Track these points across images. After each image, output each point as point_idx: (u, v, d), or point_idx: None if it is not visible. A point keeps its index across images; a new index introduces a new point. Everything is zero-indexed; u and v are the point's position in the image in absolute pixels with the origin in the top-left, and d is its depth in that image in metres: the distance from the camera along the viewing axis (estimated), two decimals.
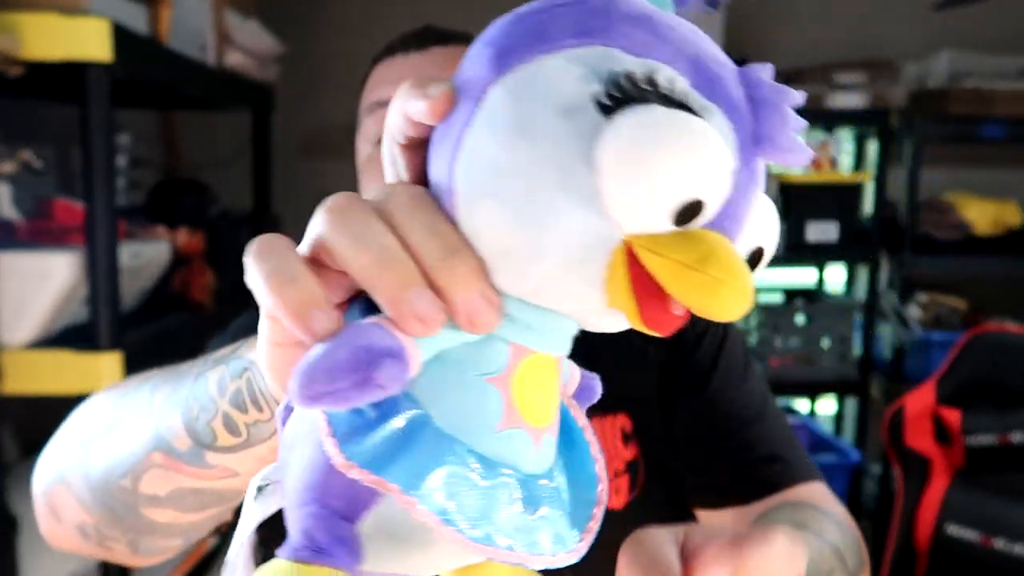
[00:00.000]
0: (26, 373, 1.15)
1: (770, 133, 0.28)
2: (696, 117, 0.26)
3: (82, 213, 1.17)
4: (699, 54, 0.27)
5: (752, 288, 0.27)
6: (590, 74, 0.26)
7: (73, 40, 1.08)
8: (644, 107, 0.25)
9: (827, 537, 0.65)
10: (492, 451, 0.28)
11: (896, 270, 2.19)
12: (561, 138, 0.25)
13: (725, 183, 0.26)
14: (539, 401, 0.29)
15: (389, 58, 0.75)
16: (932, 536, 1.54)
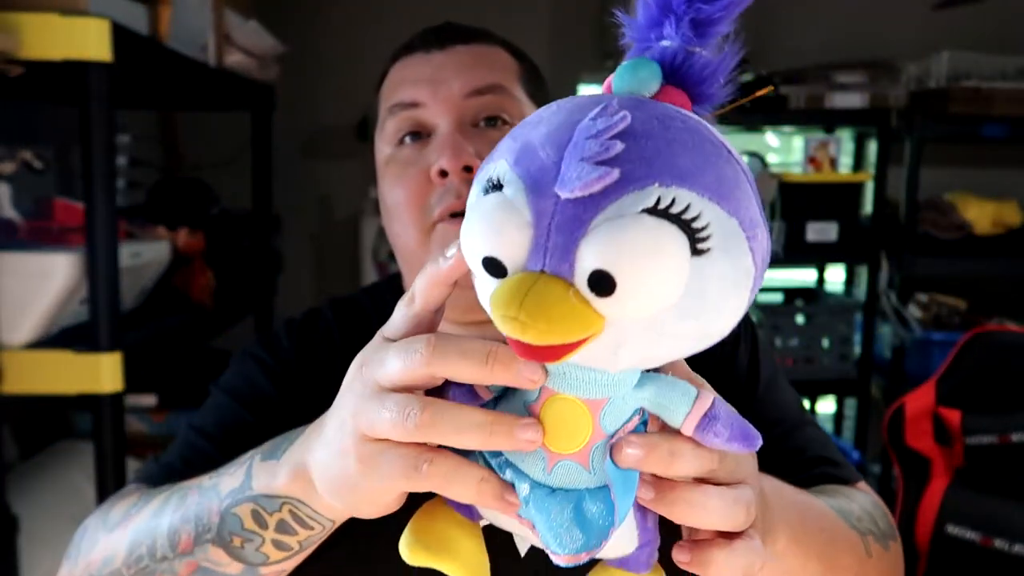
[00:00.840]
0: (26, 373, 1.15)
1: (564, 172, 0.33)
2: (496, 193, 0.35)
3: (82, 213, 1.16)
4: (529, 140, 0.36)
5: (572, 310, 0.33)
6: (477, 188, 0.38)
7: (73, 40, 1.08)
8: (474, 202, 0.37)
9: (857, 500, 0.69)
10: (513, 457, 0.39)
11: (896, 270, 2.19)
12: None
13: (516, 233, 0.34)
14: (560, 432, 0.38)
15: (409, 56, 0.74)
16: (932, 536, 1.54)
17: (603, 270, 0.32)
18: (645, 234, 0.32)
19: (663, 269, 0.33)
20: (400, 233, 0.72)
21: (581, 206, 0.33)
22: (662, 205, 0.33)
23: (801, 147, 2.24)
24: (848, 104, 2.10)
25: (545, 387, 0.38)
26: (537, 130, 0.36)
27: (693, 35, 0.36)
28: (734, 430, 0.39)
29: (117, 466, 1.21)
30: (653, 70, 0.37)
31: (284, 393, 0.74)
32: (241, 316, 1.91)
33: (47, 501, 1.38)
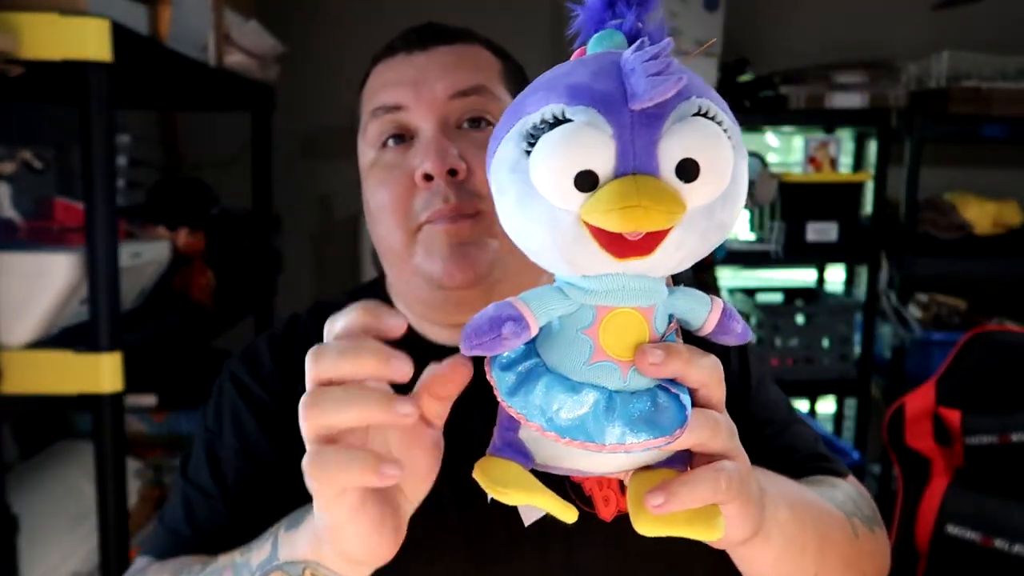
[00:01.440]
0: (26, 373, 1.15)
1: (633, 89, 0.39)
2: (568, 122, 0.40)
3: (82, 213, 1.16)
4: (570, 83, 0.41)
5: (672, 195, 0.39)
6: (518, 140, 0.42)
7: (73, 40, 1.08)
8: (542, 137, 0.40)
9: (841, 488, 0.71)
10: (582, 377, 0.43)
11: (896, 270, 2.19)
12: (516, 184, 0.42)
13: (602, 147, 0.39)
14: (624, 342, 0.43)
15: (390, 58, 0.74)
16: (932, 536, 1.54)
17: (689, 158, 0.39)
18: (708, 128, 0.40)
19: (726, 155, 0.41)
20: (384, 236, 0.72)
21: (652, 116, 0.39)
22: (703, 111, 0.40)
23: (801, 147, 2.24)
24: (848, 104, 2.11)
25: (599, 307, 0.43)
26: (576, 75, 0.42)
27: (642, 10, 0.43)
28: (742, 323, 0.48)
29: (117, 466, 1.21)
30: (621, 38, 0.44)
31: (270, 426, 0.74)
32: (241, 316, 1.91)
33: (47, 501, 1.38)
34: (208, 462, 0.73)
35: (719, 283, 2.07)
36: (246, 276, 1.94)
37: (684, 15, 2.09)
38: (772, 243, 2.17)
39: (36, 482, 1.43)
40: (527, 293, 0.44)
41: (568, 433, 0.42)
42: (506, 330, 0.42)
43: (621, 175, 0.39)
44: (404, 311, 0.78)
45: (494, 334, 0.42)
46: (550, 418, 0.42)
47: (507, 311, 0.43)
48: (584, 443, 0.42)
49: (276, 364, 0.77)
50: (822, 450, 0.78)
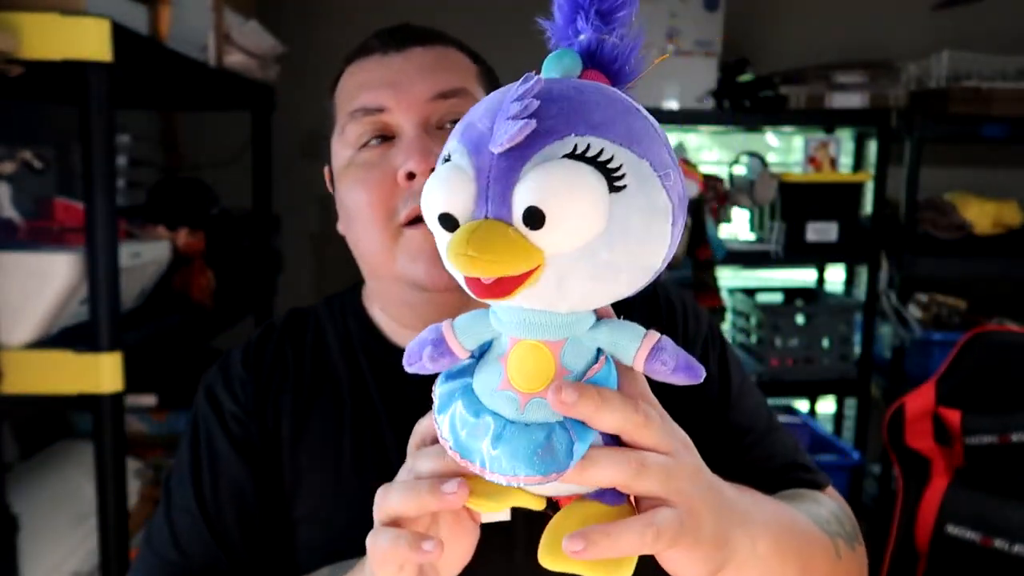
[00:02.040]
0: (26, 373, 1.15)
1: (494, 132, 0.39)
2: (447, 162, 0.42)
3: (82, 213, 1.16)
4: (469, 118, 0.43)
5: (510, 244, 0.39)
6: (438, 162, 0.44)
7: (73, 40, 1.08)
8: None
9: (825, 505, 0.71)
10: (489, 403, 0.44)
11: (896, 270, 2.19)
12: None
13: (462, 190, 0.40)
14: (527, 374, 0.43)
15: (365, 58, 0.73)
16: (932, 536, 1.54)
17: (534, 205, 0.38)
18: (564, 172, 0.39)
19: (583, 200, 0.39)
20: (363, 237, 0.71)
21: (512, 158, 0.39)
22: (579, 151, 0.39)
23: (801, 147, 2.24)
24: (848, 104, 2.10)
25: (511, 336, 0.44)
26: (477, 109, 0.43)
27: (603, 24, 0.43)
28: (679, 362, 0.45)
29: (117, 466, 1.21)
30: (573, 57, 0.43)
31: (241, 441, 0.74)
32: (241, 316, 1.91)
33: (47, 501, 1.38)
34: (192, 485, 0.73)
35: (719, 283, 2.07)
36: (246, 276, 1.94)
37: (684, 15, 2.09)
38: (772, 243, 2.17)
39: (36, 482, 1.43)
40: (463, 317, 0.46)
41: (465, 455, 0.44)
42: (426, 353, 0.46)
43: (476, 219, 0.40)
44: (381, 318, 0.77)
45: (417, 357, 0.46)
46: (456, 436, 0.44)
47: (432, 335, 0.46)
48: (475, 466, 0.43)
49: (248, 372, 0.76)
50: (802, 459, 0.77)
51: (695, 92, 2.11)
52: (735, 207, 2.21)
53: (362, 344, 0.77)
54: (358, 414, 0.73)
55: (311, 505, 0.72)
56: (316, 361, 0.77)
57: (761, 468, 0.74)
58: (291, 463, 0.74)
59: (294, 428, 0.74)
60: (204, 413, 0.76)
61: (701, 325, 0.79)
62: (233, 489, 0.73)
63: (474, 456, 0.43)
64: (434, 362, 0.46)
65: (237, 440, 0.74)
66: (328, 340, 0.78)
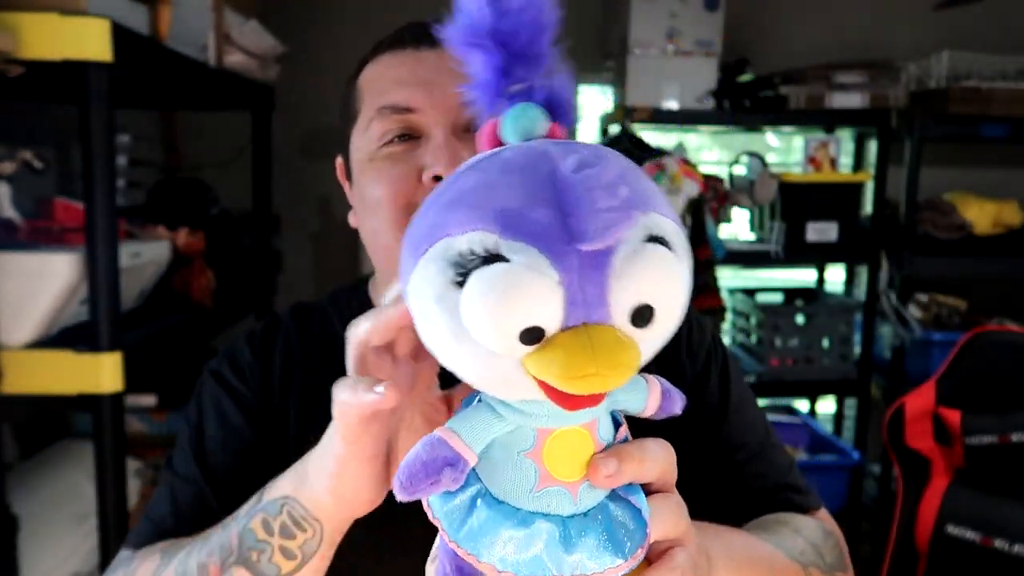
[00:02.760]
0: (26, 373, 1.15)
1: (580, 227, 0.34)
2: (501, 261, 0.34)
3: (82, 213, 1.16)
4: (501, 206, 0.35)
5: (627, 349, 0.35)
6: (443, 265, 0.36)
7: (73, 40, 1.08)
8: (474, 274, 0.34)
9: (804, 533, 0.69)
10: (531, 506, 0.39)
11: (896, 270, 2.19)
12: (444, 317, 0.36)
13: (549, 297, 0.34)
14: (570, 462, 0.40)
15: (399, 50, 0.71)
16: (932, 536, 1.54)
17: (644, 303, 0.35)
18: (659, 261, 0.35)
19: (681, 287, 0.37)
20: (378, 230, 0.70)
21: (602, 253, 0.35)
22: (651, 231, 0.36)
23: (801, 147, 2.24)
24: (848, 104, 2.11)
25: (542, 428, 0.40)
26: (505, 193, 0.36)
27: (538, 68, 0.40)
28: (680, 395, 0.45)
29: (117, 466, 1.21)
30: (540, 112, 0.40)
31: (251, 415, 0.74)
32: (241, 316, 1.91)
33: (47, 501, 1.38)
34: (194, 453, 0.73)
35: (719, 283, 2.07)
36: (246, 276, 1.94)
37: (684, 15, 2.09)
38: (772, 243, 2.17)
39: (36, 482, 1.43)
40: (456, 419, 0.41)
41: (524, 570, 0.39)
42: (445, 477, 0.39)
43: (571, 327, 0.35)
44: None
45: (432, 479, 0.39)
46: (502, 557, 0.39)
47: (442, 452, 0.39)
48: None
49: (256, 358, 0.76)
50: (794, 480, 0.76)
51: (695, 92, 2.11)
52: (735, 207, 2.21)
53: None
54: None
55: None
56: (323, 354, 0.76)
57: (752, 487, 0.73)
58: (296, 456, 0.73)
59: (300, 421, 0.74)
60: (211, 393, 0.75)
61: (704, 336, 0.79)
62: (243, 460, 0.72)
63: (536, 569, 0.39)
64: (456, 481, 0.39)
65: (248, 411, 0.74)
66: (335, 332, 0.77)
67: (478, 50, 0.40)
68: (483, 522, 0.39)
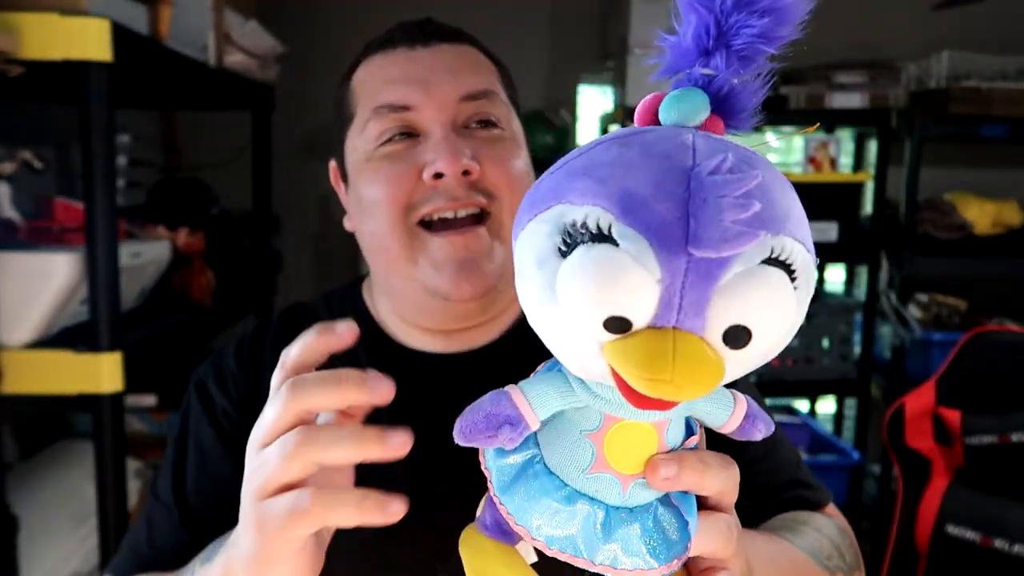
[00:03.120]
0: (26, 373, 1.15)
1: (699, 230, 0.32)
2: (611, 243, 0.34)
3: (82, 213, 1.16)
4: (628, 188, 0.34)
5: (712, 367, 0.34)
6: (553, 230, 0.36)
7: (73, 40, 1.08)
8: (579, 248, 0.34)
9: (826, 533, 0.69)
10: (579, 486, 0.39)
11: (896, 270, 2.19)
12: (540, 282, 0.36)
13: (645, 293, 0.33)
14: (629, 455, 0.39)
15: (390, 50, 0.71)
16: (932, 536, 1.54)
17: (742, 325, 0.34)
18: (772, 287, 0.34)
19: (788, 317, 0.35)
20: (375, 231, 0.69)
21: (714, 264, 0.33)
22: (774, 254, 0.34)
23: (801, 147, 2.24)
24: (848, 104, 2.10)
25: (606, 414, 0.39)
26: (632, 177, 0.35)
27: (740, 68, 0.37)
28: (766, 421, 0.43)
29: (117, 466, 1.21)
30: (703, 102, 0.38)
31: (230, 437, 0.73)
32: (241, 316, 1.91)
33: (47, 501, 1.38)
34: (173, 479, 0.73)
35: None
36: (246, 276, 1.94)
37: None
38: None
39: (36, 482, 1.43)
40: (530, 381, 0.40)
41: (557, 544, 0.39)
42: (503, 435, 0.39)
43: (659, 327, 0.34)
44: (386, 314, 0.76)
45: (490, 433, 0.39)
46: (539, 526, 0.39)
47: (505, 410, 0.39)
48: (573, 557, 0.39)
49: (241, 368, 0.75)
50: (803, 476, 0.76)
51: None
52: None
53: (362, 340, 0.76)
54: None
55: None
56: None
57: (764, 484, 0.73)
58: None
59: None
60: (195, 409, 0.75)
61: None
62: (217, 486, 0.72)
63: (568, 546, 0.39)
64: (514, 444, 0.39)
65: (225, 437, 0.73)
66: None
67: (697, 15, 0.37)
68: (530, 487, 0.39)
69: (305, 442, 0.44)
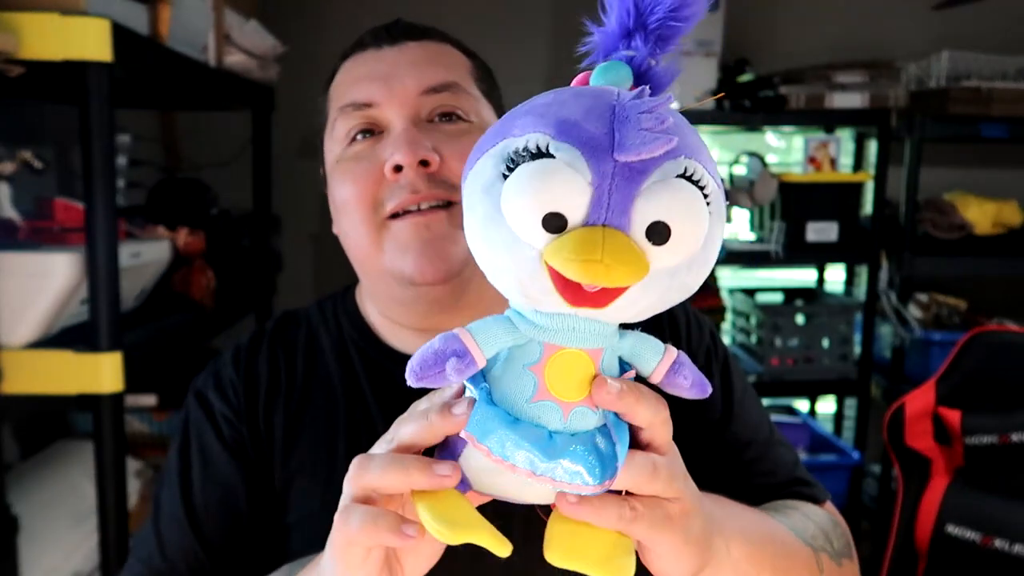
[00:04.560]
0: (26, 373, 1.15)
1: (622, 140, 0.39)
2: (548, 158, 0.39)
3: (82, 213, 1.16)
4: (563, 116, 0.40)
5: (637, 256, 0.39)
6: (498, 160, 0.41)
7: (73, 40, 1.08)
8: (521, 166, 0.40)
9: (814, 518, 0.70)
10: (526, 414, 0.43)
11: (896, 270, 2.19)
12: (485, 205, 0.41)
13: (577, 192, 0.39)
14: (568, 382, 0.43)
15: (359, 53, 0.73)
16: (932, 536, 1.54)
17: (662, 221, 0.39)
18: (688, 194, 0.39)
19: (701, 222, 0.40)
20: (350, 232, 0.70)
21: (634, 170, 0.39)
22: (688, 173, 0.40)
23: (801, 147, 2.24)
24: (848, 104, 2.10)
25: (547, 344, 0.43)
26: (569, 109, 0.41)
27: (657, 48, 0.43)
28: (695, 378, 0.46)
29: (117, 466, 1.21)
30: (627, 72, 0.43)
31: (233, 443, 0.73)
32: (241, 316, 1.91)
33: (47, 501, 1.38)
34: (180, 488, 0.73)
35: (719, 283, 2.07)
36: (246, 276, 1.94)
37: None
38: (772, 243, 2.17)
39: (36, 482, 1.43)
40: (476, 323, 0.44)
41: (512, 459, 0.42)
42: (449, 366, 0.43)
43: (590, 224, 0.39)
44: (375, 317, 0.77)
45: (438, 369, 0.43)
46: (491, 448, 0.43)
47: (452, 345, 0.43)
48: (530, 473, 0.42)
49: (239, 375, 0.76)
50: (801, 474, 0.77)
51: (695, 92, 2.11)
52: (735, 207, 2.21)
53: (355, 345, 0.76)
54: (352, 416, 0.72)
55: (304, 510, 0.71)
56: (308, 363, 0.76)
57: (763, 484, 0.74)
58: (283, 468, 0.73)
59: (287, 431, 0.73)
60: (195, 418, 0.75)
61: (703, 334, 0.79)
62: (224, 493, 0.72)
63: (524, 463, 0.43)
64: (459, 375, 0.43)
65: (229, 442, 0.73)
66: (321, 342, 0.77)
67: (620, 1, 0.43)
68: (481, 418, 0.43)
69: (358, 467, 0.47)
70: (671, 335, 0.76)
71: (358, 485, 0.47)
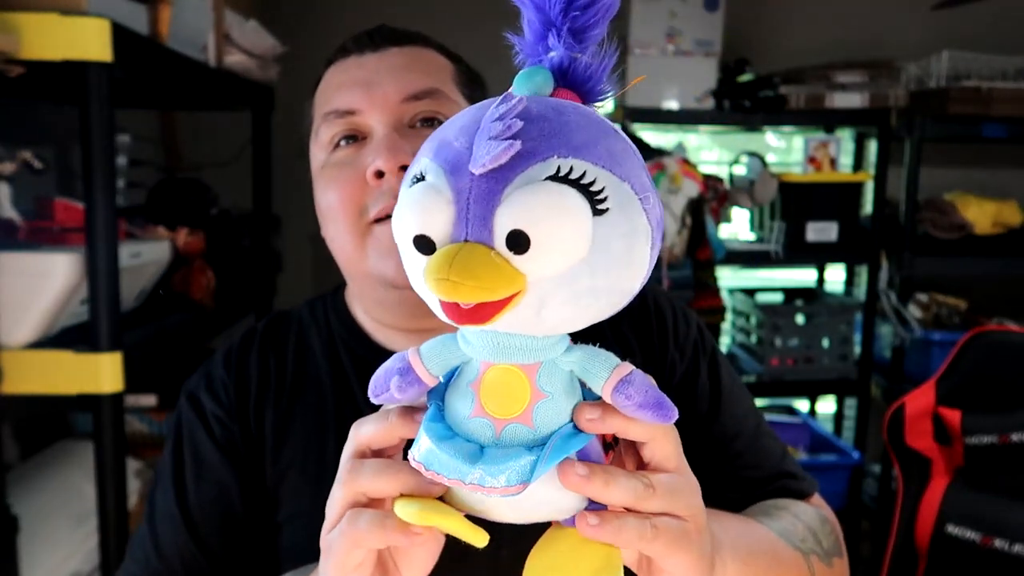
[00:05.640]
0: (26, 373, 1.15)
1: (474, 152, 0.38)
2: (420, 182, 0.40)
3: (82, 213, 1.16)
4: (442, 135, 0.42)
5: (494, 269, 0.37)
6: (404, 187, 0.42)
7: (73, 40, 1.08)
8: (402, 192, 0.41)
9: (803, 519, 0.70)
10: (463, 430, 0.43)
11: (896, 270, 2.19)
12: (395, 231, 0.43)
13: (439, 212, 0.39)
14: (500, 399, 0.43)
15: (342, 60, 0.74)
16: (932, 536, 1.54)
17: (518, 229, 0.37)
18: (549, 196, 0.37)
19: (568, 224, 0.38)
20: (335, 237, 0.71)
21: (493, 179, 0.38)
22: (562, 173, 0.38)
23: (801, 147, 2.24)
24: (848, 104, 2.10)
25: (483, 361, 0.43)
26: (451, 127, 0.42)
27: (575, 43, 0.41)
28: (647, 397, 0.43)
29: (117, 466, 1.21)
30: (546, 75, 0.42)
31: (225, 442, 0.74)
32: (241, 316, 1.91)
33: (47, 501, 1.38)
34: (174, 489, 0.73)
35: (719, 283, 2.07)
36: (246, 276, 1.94)
37: (684, 15, 2.09)
38: (772, 243, 2.17)
39: (36, 482, 1.43)
40: (429, 342, 0.45)
41: (433, 467, 0.42)
42: (393, 384, 0.45)
43: (455, 241, 0.39)
44: (364, 318, 0.78)
45: (386, 386, 0.45)
46: (430, 462, 0.42)
47: (398, 364, 0.45)
48: (450, 479, 0.42)
49: (230, 375, 0.76)
50: (788, 467, 0.77)
51: (695, 92, 2.11)
52: (735, 207, 2.21)
53: (345, 344, 0.77)
54: (342, 414, 0.73)
55: (295, 507, 0.72)
56: (298, 362, 0.77)
57: (748, 477, 0.74)
58: (274, 466, 0.73)
59: (277, 430, 0.74)
60: (187, 418, 0.76)
61: (691, 328, 0.79)
62: (218, 492, 0.73)
63: (443, 469, 0.42)
64: (402, 392, 0.44)
65: (221, 442, 0.74)
66: (311, 341, 0.78)
67: (534, 5, 0.42)
68: (421, 433, 0.44)
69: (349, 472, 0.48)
70: (658, 329, 0.77)
71: (351, 489, 0.47)
